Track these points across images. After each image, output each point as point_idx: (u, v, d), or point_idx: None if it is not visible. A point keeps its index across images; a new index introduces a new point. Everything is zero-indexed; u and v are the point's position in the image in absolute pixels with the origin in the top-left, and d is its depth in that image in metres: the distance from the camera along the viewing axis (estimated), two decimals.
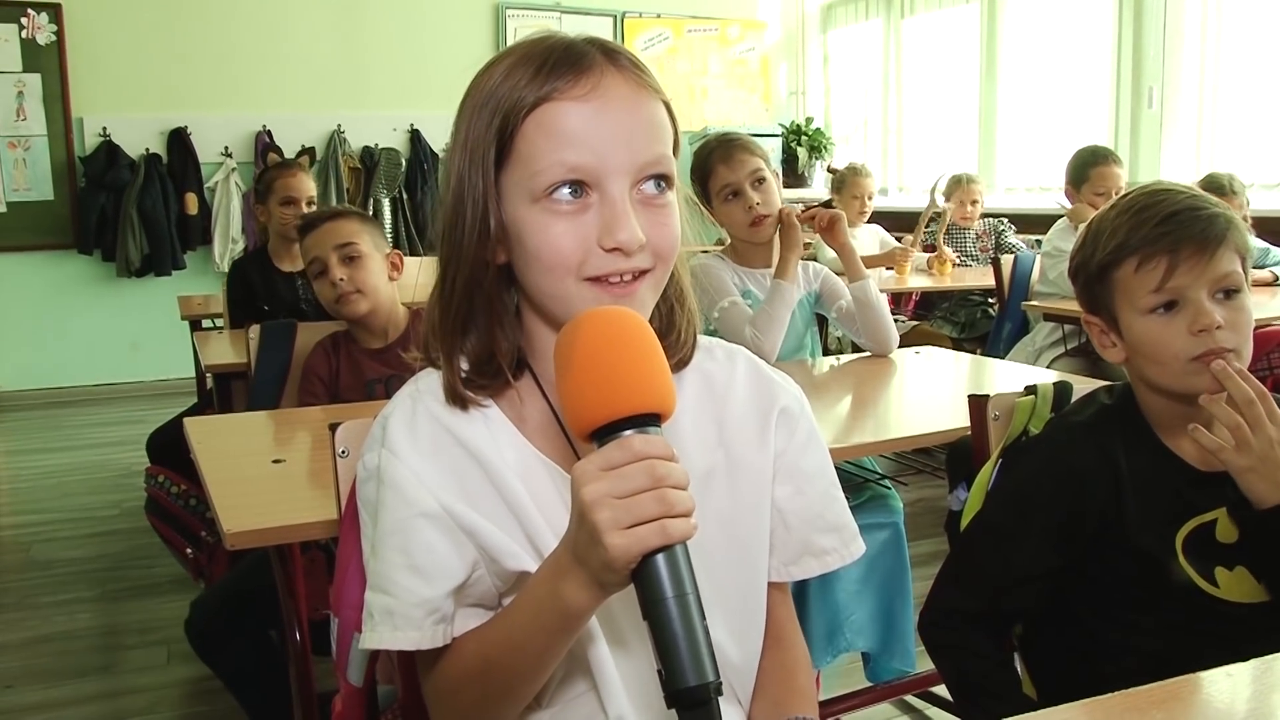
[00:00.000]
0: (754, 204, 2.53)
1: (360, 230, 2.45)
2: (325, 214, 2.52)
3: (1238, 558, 1.30)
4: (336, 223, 2.45)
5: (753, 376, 1.08)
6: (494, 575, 0.95)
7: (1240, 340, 1.29)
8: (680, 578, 0.75)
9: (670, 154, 0.94)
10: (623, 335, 0.80)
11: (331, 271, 2.38)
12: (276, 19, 6.87)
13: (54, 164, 6.51)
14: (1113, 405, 1.42)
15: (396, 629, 0.92)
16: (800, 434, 1.07)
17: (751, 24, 8.19)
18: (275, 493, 1.67)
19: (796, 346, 2.63)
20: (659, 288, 0.95)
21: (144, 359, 6.70)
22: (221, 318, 3.82)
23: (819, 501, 1.07)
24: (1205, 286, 1.29)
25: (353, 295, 2.38)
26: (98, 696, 2.72)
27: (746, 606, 1.04)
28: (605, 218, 0.89)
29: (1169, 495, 1.33)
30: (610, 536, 0.75)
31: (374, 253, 2.44)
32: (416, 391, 1.00)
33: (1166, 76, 5.56)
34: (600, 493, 0.75)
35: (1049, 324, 3.98)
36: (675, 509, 0.75)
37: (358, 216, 2.53)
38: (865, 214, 5.19)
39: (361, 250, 2.41)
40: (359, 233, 2.44)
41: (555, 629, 0.86)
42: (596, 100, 0.89)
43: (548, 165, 0.89)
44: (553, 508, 0.95)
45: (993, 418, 1.53)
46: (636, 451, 0.76)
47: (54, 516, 4.24)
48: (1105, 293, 1.37)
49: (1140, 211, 1.33)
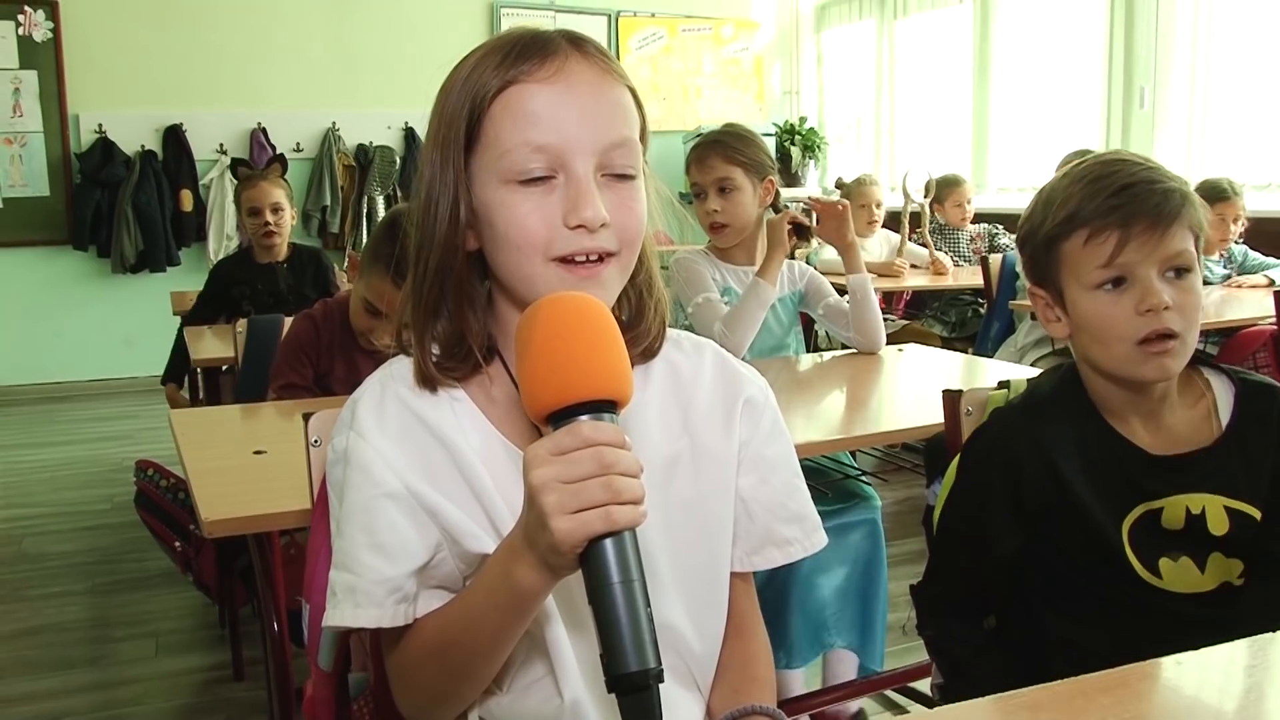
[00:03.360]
0: (710, 210, 2.54)
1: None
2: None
3: (1183, 547, 1.29)
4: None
5: (719, 367, 1.09)
6: (457, 557, 0.97)
7: (1186, 324, 1.25)
8: (627, 564, 0.76)
9: (636, 138, 0.95)
10: (581, 321, 0.81)
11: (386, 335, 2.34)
12: (272, 17, 6.88)
13: (50, 160, 6.52)
14: (1058, 387, 1.39)
15: (359, 606, 0.93)
16: (765, 424, 1.08)
17: (745, 24, 8.20)
18: (255, 482, 1.69)
19: (777, 345, 2.64)
20: (625, 273, 0.97)
21: (137, 355, 6.69)
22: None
23: (782, 491, 1.08)
24: (1156, 264, 1.24)
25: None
26: (87, 688, 2.73)
27: (708, 594, 1.05)
28: (570, 196, 0.91)
29: (1118, 479, 1.30)
30: (556, 520, 0.76)
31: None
32: (386, 376, 1.02)
33: (1158, 77, 5.57)
34: (548, 476, 0.77)
35: (1032, 323, 4.00)
36: (622, 495, 0.76)
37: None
38: (875, 223, 5.17)
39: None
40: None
41: (509, 609, 0.88)
42: (561, 82, 0.92)
43: (514, 146, 0.91)
44: (514, 490, 0.95)
45: (966, 413, 1.54)
46: (586, 437, 0.77)
47: (46, 510, 4.25)
48: (1052, 264, 1.32)
49: (1094, 181, 1.27)
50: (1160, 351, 1.25)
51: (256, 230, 3.60)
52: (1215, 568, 1.29)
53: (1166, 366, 1.26)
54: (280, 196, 3.64)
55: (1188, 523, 1.28)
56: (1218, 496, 1.29)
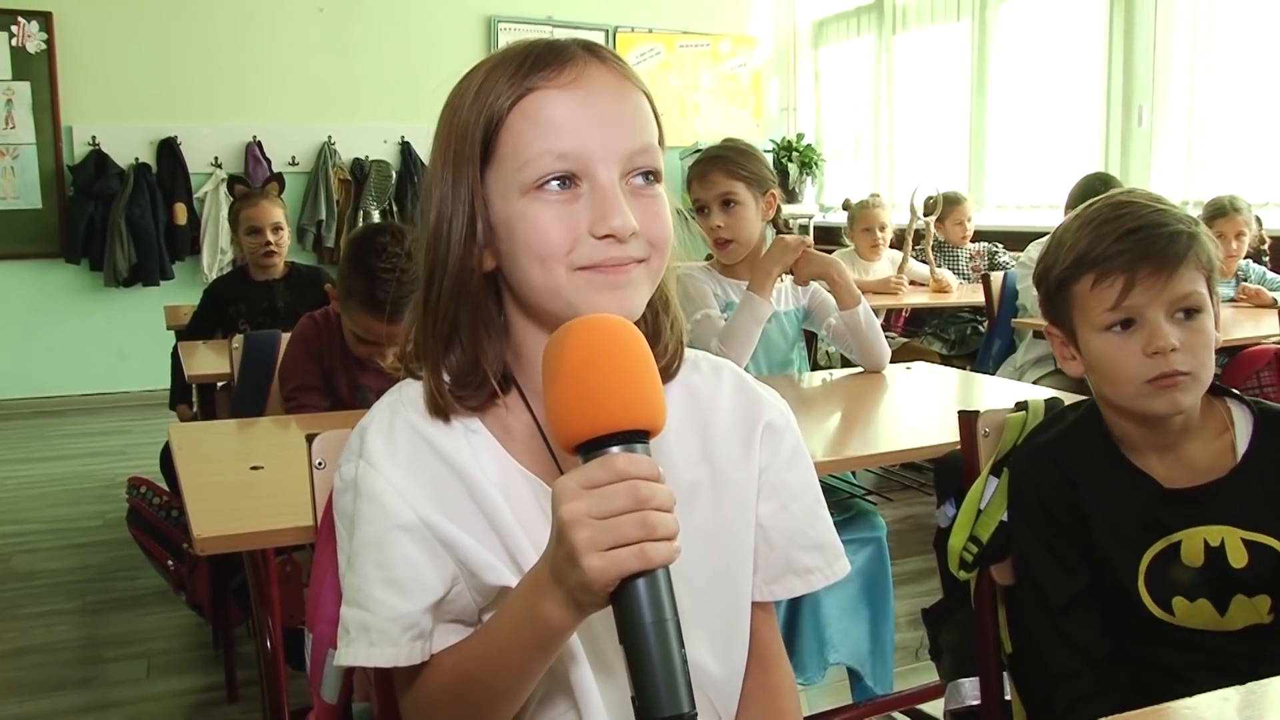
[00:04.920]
0: (715, 226, 2.52)
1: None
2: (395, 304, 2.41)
3: (1202, 588, 1.27)
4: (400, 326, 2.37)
5: (738, 391, 1.06)
6: (473, 590, 0.93)
7: (1197, 364, 1.26)
8: (660, 603, 0.73)
9: (657, 146, 0.92)
10: (613, 345, 0.78)
11: (386, 356, 2.24)
12: (268, 30, 6.86)
13: (42, 172, 6.48)
14: (1078, 422, 1.39)
15: (373, 645, 0.90)
16: (785, 449, 1.05)
17: (743, 40, 8.20)
18: (251, 499, 1.65)
19: (783, 362, 2.61)
20: (654, 279, 0.93)
21: (130, 369, 6.65)
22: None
23: (803, 519, 1.05)
24: (1163, 306, 1.25)
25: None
26: (77, 710, 2.68)
27: (729, 624, 1.02)
28: (597, 205, 0.87)
29: (1136, 514, 1.30)
30: (588, 558, 0.72)
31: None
32: (396, 401, 0.97)
33: (1156, 95, 5.57)
34: (580, 512, 0.73)
35: (1031, 342, 3.98)
36: (657, 532, 0.72)
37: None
38: (879, 246, 5.08)
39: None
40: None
41: (533, 646, 0.84)
42: (582, 89, 0.88)
43: (536, 155, 0.87)
44: (534, 522, 0.93)
45: (983, 434, 1.51)
46: (620, 471, 0.73)
47: (36, 527, 4.20)
48: (1064, 306, 1.34)
49: (1102, 224, 1.29)
50: (1170, 386, 1.25)
51: (256, 249, 3.60)
52: (1240, 611, 1.27)
53: (1177, 400, 1.26)
54: (280, 216, 3.64)
55: (1207, 557, 1.27)
56: (1235, 528, 1.27)
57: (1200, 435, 1.32)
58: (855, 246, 5.15)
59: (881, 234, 5.09)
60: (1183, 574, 1.27)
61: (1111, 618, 1.31)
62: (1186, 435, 1.31)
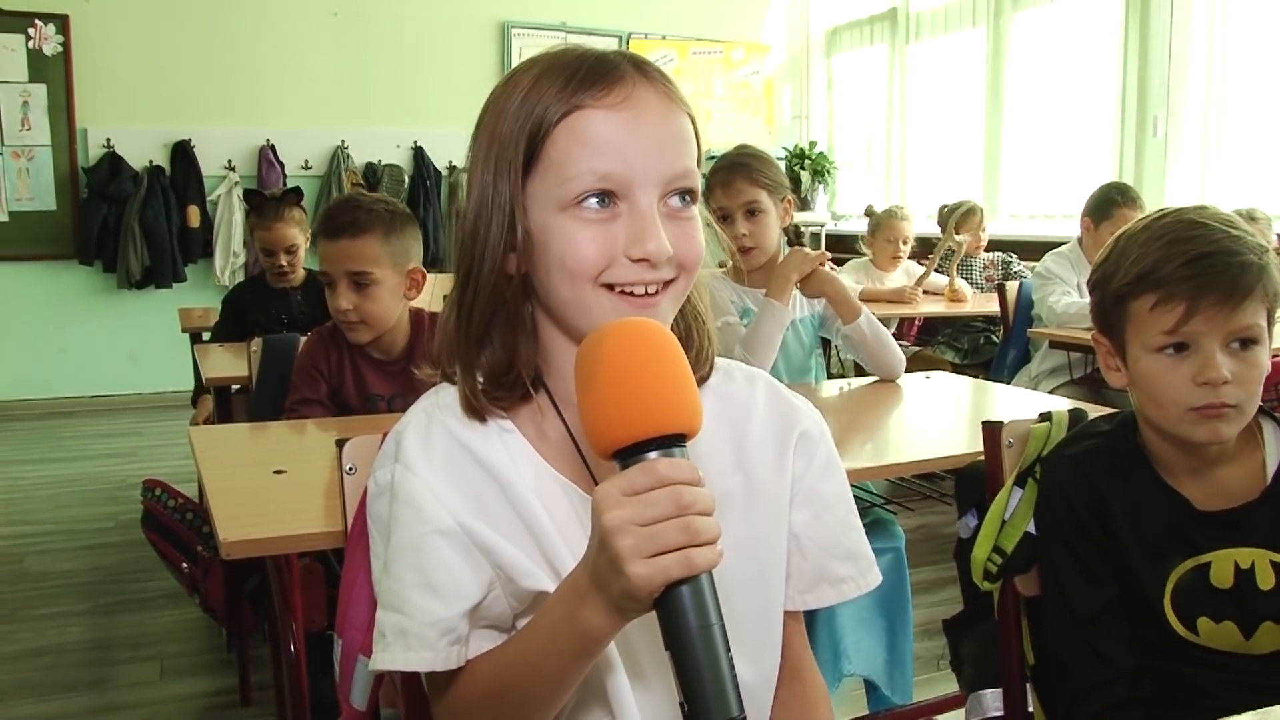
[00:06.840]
0: (740, 234, 2.52)
1: (380, 254, 2.25)
2: (346, 224, 2.27)
3: (1229, 610, 1.26)
4: (356, 242, 2.25)
5: (773, 400, 1.06)
6: (510, 595, 0.93)
7: (1245, 396, 1.23)
8: (705, 608, 0.72)
9: (696, 168, 0.93)
10: (649, 349, 0.78)
11: (339, 297, 2.26)
12: (282, 34, 6.88)
13: (57, 174, 6.51)
14: (1110, 435, 1.37)
15: (410, 649, 0.89)
16: (819, 459, 1.05)
17: (756, 47, 8.21)
18: (275, 503, 1.65)
19: (801, 369, 2.61)
20: (680, 299, 0.94)
21: (142, 371, 6.67)
22: None
23: (836, 528, 1.04)
24: (1221, 337, 1.22)
25: (357, 325, 2.28)
26: (89, 711, 2.68)
27: (762, 632, 1.02)
28: (633, 228, 0.88)
29: (1166, 531, 1.29)
30: (632, 565, 0.72)
31: (390, 276, 2.26)
32: (432, 406, 0.97)
33: (1171, 105, 5.55)
34: (622, 519, 0.73)
35: (1046, 352, 3.97)
36: (700, 537, 0.72)
37: (381, 231, 2.27)
38: (900, 258, 5.02)
39: (374, 279, 2.24)
40: (378, 258, 2.25)
41: (572, 653, 0.84)
42: (629, 110, 0.89)
43: (579, 173, 0.88)
44: (570, 528, 0.93)
45: (1007, 445, 1.50)
46: (661, 476, 0.73)
47: (48, 528, 4.20)
48: (1119, 319, 1.31)
49: (1172, 244, 1.25)
50: (1215, 416, 1.23)
51: (270, 268, 3.62)
52: (1266, 636, 1.26)
53: (1219, 431, 1.24)
54: (296, 236, 3.60)
55: (1237, 579, 1.26)
56: (1267, 550, 1.26)
57: (1234, 457, 1.31)
58: (874, 256, 5.09)
59: (904, 246, 5.04)
60: (1210, 595, 1.26)
61: (1136, 633, 1.31)
62: (1221, 459, 1.30)
